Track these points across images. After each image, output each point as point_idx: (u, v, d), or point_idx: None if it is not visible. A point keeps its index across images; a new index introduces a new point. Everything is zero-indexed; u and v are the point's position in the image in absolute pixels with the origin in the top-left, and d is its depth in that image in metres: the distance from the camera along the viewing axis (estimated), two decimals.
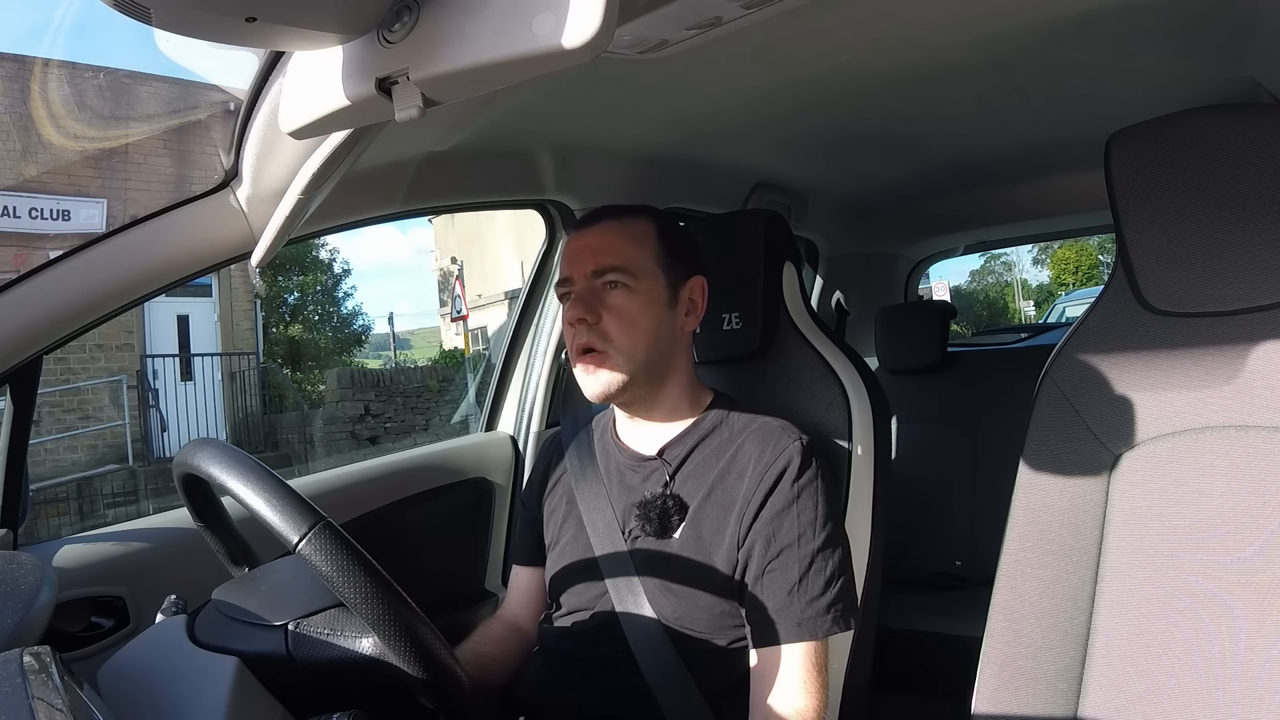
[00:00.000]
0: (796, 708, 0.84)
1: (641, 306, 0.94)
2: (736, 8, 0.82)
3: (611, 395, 0.94)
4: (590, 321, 0.92)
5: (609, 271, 0.93)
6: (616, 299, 0.93)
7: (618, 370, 0.93)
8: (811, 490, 0.90)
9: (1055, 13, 0.96)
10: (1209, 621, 0.80)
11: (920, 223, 2.21)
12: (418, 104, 0.57)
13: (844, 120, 1.36)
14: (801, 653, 0.86)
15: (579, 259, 0.95)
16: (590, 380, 0.94)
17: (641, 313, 0.94)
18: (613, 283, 0.93)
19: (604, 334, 0.93)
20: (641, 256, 0.95)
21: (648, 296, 0.94)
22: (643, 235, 0.97)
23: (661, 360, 0.96)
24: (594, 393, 0.94)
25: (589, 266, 0.94)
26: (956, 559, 1.91)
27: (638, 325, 0.93)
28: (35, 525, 5.43)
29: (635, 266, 0.94)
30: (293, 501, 0.66)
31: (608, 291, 0.94)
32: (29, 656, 0.54)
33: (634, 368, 0.93)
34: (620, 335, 0.93)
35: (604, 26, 0.49)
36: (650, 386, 0.96)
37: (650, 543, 0.94)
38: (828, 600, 0.87)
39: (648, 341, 0.94)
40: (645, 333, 0.94)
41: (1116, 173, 0.89)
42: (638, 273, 0.94)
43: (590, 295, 0.94)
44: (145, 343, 8.65)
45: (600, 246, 0.95)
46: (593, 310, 0.93)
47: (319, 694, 0.72)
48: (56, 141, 7.24)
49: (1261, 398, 0.82)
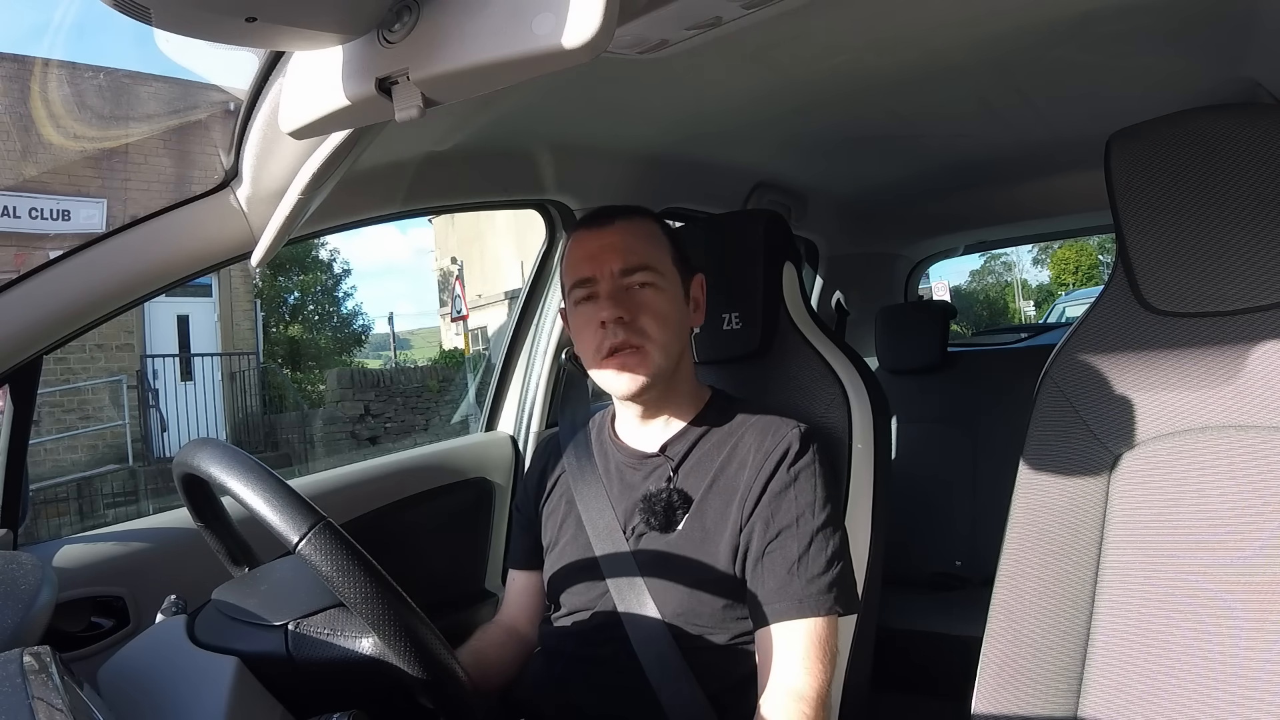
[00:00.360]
0: (793, 687, 0.82)
1: (669, 304, 0.95)
2: (736, 8, 0.82)
3: (643, 391, 0.94)
4: (627, 320, 0.92)
5: (639, 270, 0.93)
6: (648, 297, 0.94)
7: (653, 366, 0.93)
8: (809, 473, 0.91)
9: (1055, 13, 0.96)
10: (1209, 621, 0.80)
11: (920, 223, 2.21)
12: (418, 104, 0.57)
13: (844, 120, 1.36)
14: (803, 630, 0.85)
15: (602, 258, 0.94)
16: (623, 379, 0.93)
17: (670, 310, 0.95)
18: (643, 282, 0.94)
19: (641, 331, 0.92)
20: (661, 255, 0.96)
21: (672, 294, 0.96)
22: (655, 235, 0.98)
23: (680, 357, 0.97)
24: (628, 390, 0.94)
25: (616, 265, 0.93)
26: (956, 559, 1.91)
27: (670, 322, 0.94)
28: (35, 525, 5.42)
29: (660, 265, 0.95)
30: (293, 501, 0.66)
31: (638, 290, 0.94)
32: (29, 656, 0.54)
33: (666, 364, 0.94)
34: (656, 332, 0.93)
35: (604, 26, 0.49)
36: (670, 383, 0.97)
37: (654, 539, 0.94)
38: (829, 579, 0.87)
39: (677, 338, 0.96)
40: (675, 330, 0.95)
41: (1116, 173, 0.89)
42: (663, 270, 0.95)
43: (622, 294, 0.93)
44: (145, 343, 8.65)
45: (624, 246, 0.94)
46: (628, 308, 0.92)
47: (319, 694, 0.72)
48: (56, 141, 7.24)
49: (1261, 398, 0.82)
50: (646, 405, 0.99)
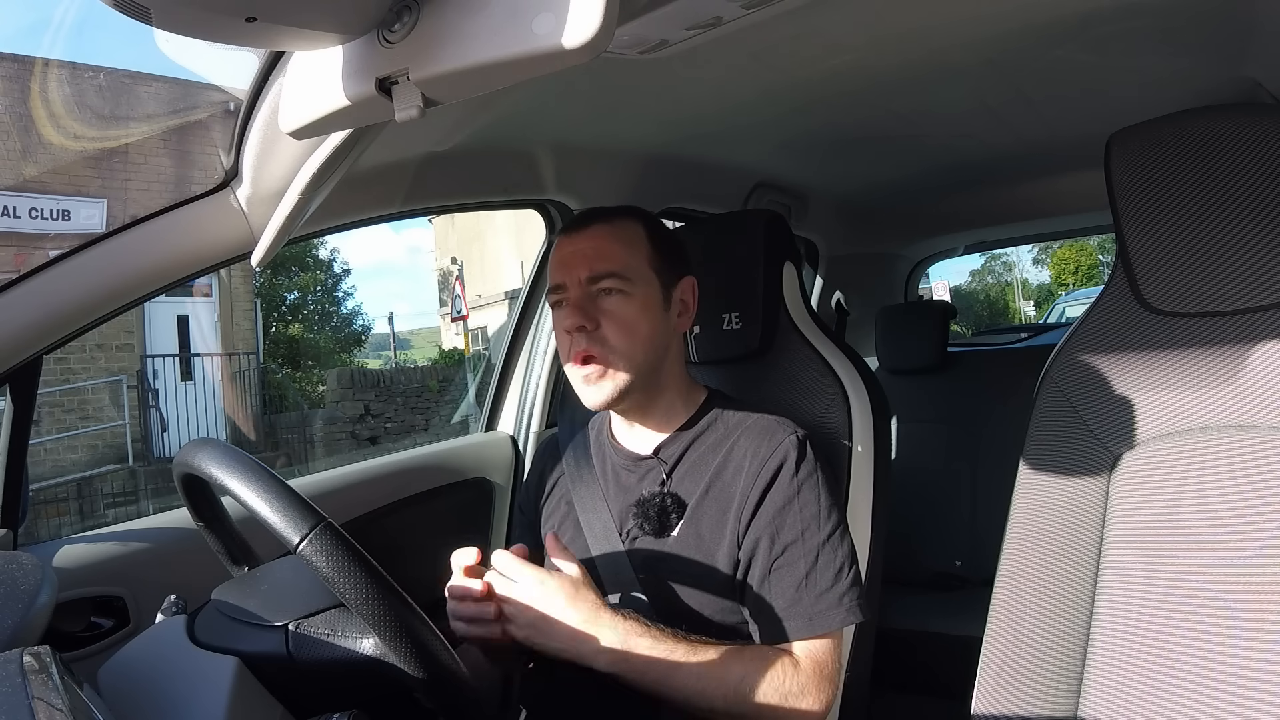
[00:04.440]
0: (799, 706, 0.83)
1: (638, 311, 0.92)
2: (736, 8, 0.82)
3: (612, 403, 0.93)
4: (589, 329, 0.91)
5: (605, 277, 0.92)
6: (613, 305, 0.92)
7: (618, 378, 0.92)
8: (812, 483, 0.90)
9: (1055, 13, 0.96)
10: (1209, 621, 0.80)
11: (920, 223, 2.21)
12: (418, 104, 0.57)
13: (844, 120, 1.36)
14: (812, 648, 0.85)
15: (571, 264, 0.93)
16: (591, 390, 0.92)
17: (639, 318, 0.92)
18: (608, 289, 0.92)
19: (603, 340, 0.91)
20: (635, 260, 0.94)
21: (644, 301, 0.93)
22: (635, 238, 0.95)
23: (658, 363, 0.95)
24: (595, 402, 0.93)
25: (583, 272, 0.92)
26: (956, 559, 1.91)
27: (636, 331, 0.92)
28: (35, 525, 5.43)
29: (630, 271, 0.93)
30: (293, 502, 0.66)
31: (604, 297, 0.92)
32: (29, 656, 0.54)
33: (634, 374, 0.92)
34: (620, 341, 0.91)
35: (604, 26, 0.49)
36: (648, 391, 0.96)
37: (649, 542, 0.93)
38: (839, 591, 0.86)
39: (646, 347, 0.93)
40: (643, 338, 0.92)
41: (1116, 173, 0.89)
42: (633, 277, 0.93)
43: (586, 302, 0.92)
44: (145, 343, 8.65)
45: (593, 252, 0.93)
46: (590, 317, 0.91)
47: (319, 694, 0.72)
48: (56, 141, 7.24)
49: (1261, 398, 0.82)
50: (625, 413, 0.98)
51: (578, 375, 0.93)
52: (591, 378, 0.92)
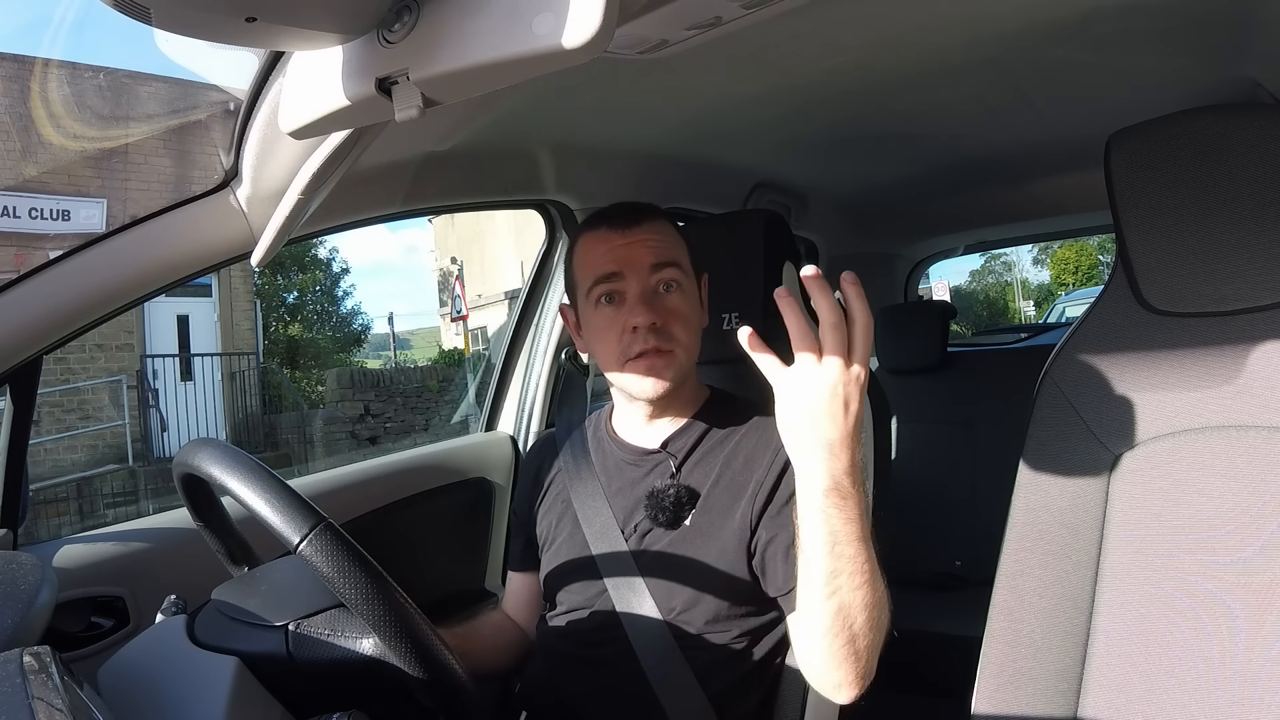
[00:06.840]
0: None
1: (694, 305, 0.96)
2: (736, 8, 0.82)
3: (669, 393, 0.94)
4: (659, 325, 0.92)
5: (668, 267, 0.93)
6: (675, 301, 0.94)
7: (679, 370, 0.94)
8: None
9: (1055, 13, 0.96)
10: (1209, 621, 0.80)
11: (920, 223, 2.21)
12: (418, 104, 0.57)
13: (844, 120, 1.36)
14: None
15: (633, 257, 0.92)
16: (647, 383, 0.93)
17: (694, 312, 0.96)
18: (671, 281, 0.94)
19: (670, 335, 0.92)
20: (684, 255, 0.97)
21: (694, 295, 0.97)
22: (676, 234, 0.98)
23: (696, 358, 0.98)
24: (653, 393, 0.93)
25: (647, 262, 0.92)
26: (956, 559, 1.91)
27: (693, 325, 0.95)
28: (35, 525, 5.43)
29: (685, 265, 0.96)
30: (293, 502, 0.66)
31: (665, 294, 0.94)
32: (29, 656, 0.54)
33: (689, 367, 0.96)
34: (684, 335, 0.94)
35: (604, 26, 0.49)
36: (685, 384, 0.98)
37: (656, 537, 0.93)
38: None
39: (698, 340, 0.97)
40: (696, 331, 0.96)
41: (1116, 173, 0.89)
42: (688, 271, 0.96)
43: (652, 297, 0.93)
44: (145, 343, 8.66)
45: (656, 245, 0.94)
46: (660, 314, 0.92)
47: (319, 694, 0.72)
48: (56, 141, 7.24)
49: (1261, 398, 0.82)
50: (665, 403, 0.98)
51: (640, 366, 0.93)
52: (656, 368, 0.93)
